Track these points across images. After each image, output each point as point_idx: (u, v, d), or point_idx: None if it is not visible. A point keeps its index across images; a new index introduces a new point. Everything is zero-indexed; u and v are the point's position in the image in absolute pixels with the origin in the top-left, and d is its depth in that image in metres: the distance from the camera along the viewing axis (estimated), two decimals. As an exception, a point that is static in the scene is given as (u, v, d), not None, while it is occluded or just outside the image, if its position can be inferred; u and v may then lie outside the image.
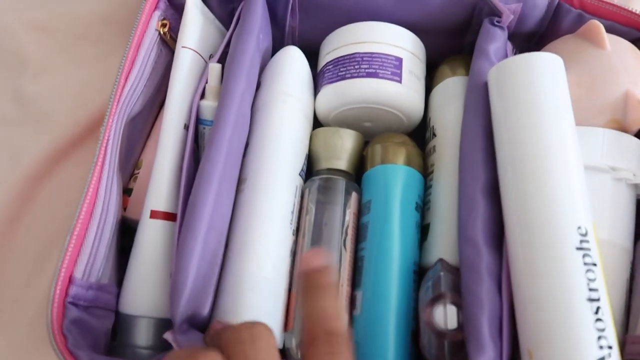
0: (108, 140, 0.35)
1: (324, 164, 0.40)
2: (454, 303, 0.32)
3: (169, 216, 0.36)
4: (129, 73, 0.37)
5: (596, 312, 0.28)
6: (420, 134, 0.43)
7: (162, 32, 0.40)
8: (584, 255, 0.29)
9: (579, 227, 0.29)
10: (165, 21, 0.40)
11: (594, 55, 0.35)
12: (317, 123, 0.43)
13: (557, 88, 0.32)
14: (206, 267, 0.32)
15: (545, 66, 0.32)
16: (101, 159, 0.34)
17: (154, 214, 0.36)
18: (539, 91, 0.32)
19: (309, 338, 0.27)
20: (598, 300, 0.28)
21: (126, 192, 0.40)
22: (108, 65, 0.47)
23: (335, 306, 0.28)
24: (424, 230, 0.38)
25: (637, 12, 0.37)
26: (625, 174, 0.34)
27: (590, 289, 0.28)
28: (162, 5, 0.40)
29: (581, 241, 0.29)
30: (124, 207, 0.40)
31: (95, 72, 0.47)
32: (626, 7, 0.38)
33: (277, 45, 0.45)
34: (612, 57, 0.35)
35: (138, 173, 0.40)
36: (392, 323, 0.33)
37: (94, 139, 0.45)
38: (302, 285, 0.29)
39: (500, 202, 0.33)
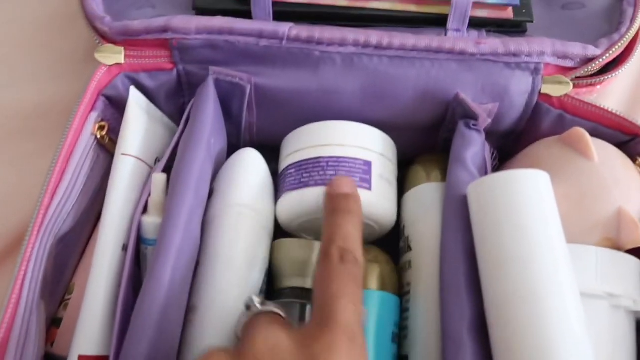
0: (25, 274, 0.29)
1: (286, 281, 0.35)
2: None
3: (103, 361, 0.30)
4: (56, 188, 0.32)
5: None
6: (393, 237, 0.39)
7: (99, 136, 0.35)
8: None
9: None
10: (103, 123, 0.35)
11: (581, 167, 0.32)
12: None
13: (546, 210, 0.29)
14: None
15: (531, 186, 0.29)
16: (16, 296, 0.29)
17: (83, 360, 0.30)
18: (527, 214, 0.28)
19: (324, 253, 0.27)
20: None
21: (54, 322, 0.34)
22: (44, 163, 0.41)
23: (354, 231, 0.28)
24: (401, 361, 0.33)
25: (621, 114, 0.35)
26: (625, 302, 0.30)
27: None
28: (100, 105, 0.35)
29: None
30: (51, 341, 0.34)
31: (29, 171, 0.41)
32: (609, 109, 0.35)
33: (234, 141, 0.40)
34: (600, 169, 0.32)
35: (69, 299, 0.35)
36: None
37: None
38: (328, 205, 0.30)
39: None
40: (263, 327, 0.24)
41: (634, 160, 0.34)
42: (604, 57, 0.35)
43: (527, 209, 0.28)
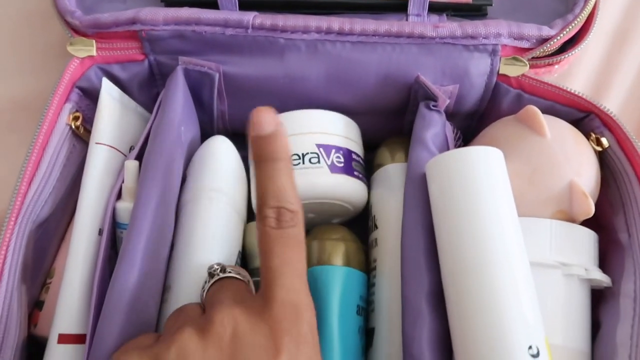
0: (5, 259, 0.31)
1: (258, 261, 0.36)
2: None
3: (82, 339, 0.32)
4: (32, 177, 0.33)
5: None
6: (364, 215, 0.40)
7: (73, 127, 0.36)
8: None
9: (530, 347, 0.26)
10: (77, 114, 0.37)
11: (533, 143, 0.34)
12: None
13: (497, 186, 0.30)
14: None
15: (484, 162, 0.30)
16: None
17: (63, 339, 0.32)
18: (478, 190, 0.30)
19: (259, 215, 0.27)
20: None
21: (37, 305, 0.36)
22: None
23: (285, 182, 0.27)
24: (369, 334, 0.34)
25: (576, 92, 0.36)
26: (577, 270, 0.32)
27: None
28: (74, 96, 0.37)
29: (533, 361, 0.26)
30: (34, 323, 0.35)
31: (13, 163, 0.43)
32: (564, 87, 0.36)
33: (208, 129, 0.42)
34: (552, 145, 0.33)
35: (50, 283, 0.36)
36: None
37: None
38: (253, 153, 0.28)
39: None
40: (222, 305, 0.25)
41: (587, 136, 0.35)
42: (559, 37, 0.37)
43: (478, 183, 0.30)
